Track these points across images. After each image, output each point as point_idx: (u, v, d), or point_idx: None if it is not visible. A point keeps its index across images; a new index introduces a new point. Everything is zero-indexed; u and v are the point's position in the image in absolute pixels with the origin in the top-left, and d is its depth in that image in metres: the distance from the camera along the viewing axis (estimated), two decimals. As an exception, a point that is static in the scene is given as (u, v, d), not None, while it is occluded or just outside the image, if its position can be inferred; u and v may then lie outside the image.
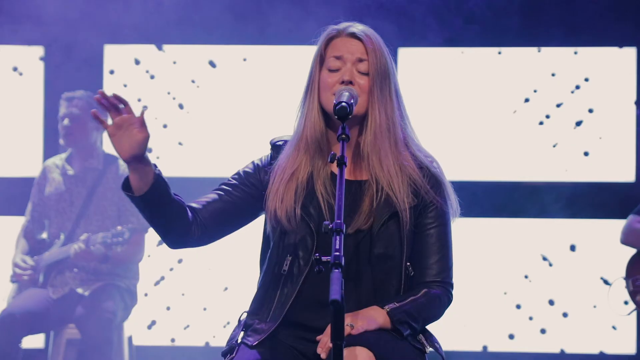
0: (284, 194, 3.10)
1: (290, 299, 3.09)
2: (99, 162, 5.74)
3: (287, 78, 6.70)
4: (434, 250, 3.13)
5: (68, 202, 5.68)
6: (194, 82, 6.78)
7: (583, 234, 6.70)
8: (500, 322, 6.67)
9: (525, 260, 6.68)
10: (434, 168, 3.17)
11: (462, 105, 6.70)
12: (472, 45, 6.69)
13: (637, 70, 6.66)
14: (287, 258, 3.12)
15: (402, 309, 3.02)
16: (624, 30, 6.65)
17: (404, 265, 3.10)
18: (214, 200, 3.16)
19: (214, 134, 6.77)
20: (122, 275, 5.64)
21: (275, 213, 3.11)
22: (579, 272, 6.70)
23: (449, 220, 3.17)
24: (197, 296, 6.74)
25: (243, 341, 3.13)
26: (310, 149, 3.12)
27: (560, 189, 6.69)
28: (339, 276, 2.54)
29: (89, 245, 5.39)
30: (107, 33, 6.74)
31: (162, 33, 6.73)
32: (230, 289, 6.73)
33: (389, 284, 3.10)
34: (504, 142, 6.70)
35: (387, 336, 2.98)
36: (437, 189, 3.14)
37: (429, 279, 3.12)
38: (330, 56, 3.12)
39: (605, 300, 6.61)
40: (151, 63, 6.79)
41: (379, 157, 3.08)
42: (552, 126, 6.71)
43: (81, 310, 5.44)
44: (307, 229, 3.09)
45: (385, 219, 3.07)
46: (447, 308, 3.17)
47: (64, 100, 5.74)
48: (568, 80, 6.71)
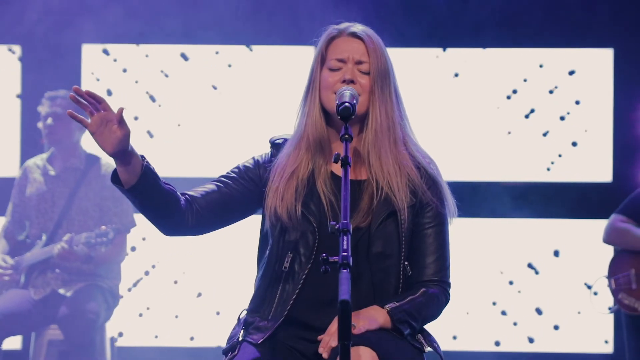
0: (285, 191, 3.12)
1: (292, 297, 3.10)
2: (81, 162, 5.70)
3: (265, 77, 6.72)
4: (432, 250, 3.16)
5: (50, 202, 5.65)
6: (167, 76, 6.76)
7: (560, 234, 6.74)
8: (476, 320, 6.71)
9: (502, 259, 6.71)
10: (431, 169, 3.20)
11: (439, 106, 6.72)
12: (455, 45, 6.72)
13: (614, 72, 6.72)
14: (287, 255, 3.12)
15: (402, 308, 3.04)
16: (601, 31, 6.70)
17: (402, 264, 3.12)
18: (212, 190, 3.17)
19: (192, 133, 6.76)
20: (104, 276, 5.61)
21: (275, 210, 3.12)
22: (555, 272, 6.74)
23: (446, 221, 3.20)
24: (172, 300, 6.73)
25: (245, 339, 3.14)
26: (311, 147, 3.14)
27: (538, 189, 6.73)
28: (347, 276, 2.55)
29: (72, 245, 5.36)
30: (85, 32, 6.70)
31: (141, 32, 6.71)
32: (204, 292, 6.72)
33: (388, 282, 3.12)
34: (481, 143, 6.73)
35: (388, 336, 3.00)
36: (434, 190, 3.17)
37: (427, 278, 3.15)
38: (332, 56, 3.14)
39: (582, 298, 6.68)
40: (129, 62, 6.76)
41: (379, 156, 3.11)
42: (529, 127, 6.75)
43: (64, 311, 5.40)
44: (308, 226, 3.10)
45: (384, 217, 3.09)
46: (445, 307, 3.20)
47: (47, 99, 5.70)
48: (546, 82, 6.75)
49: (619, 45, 6.70)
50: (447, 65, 6.76)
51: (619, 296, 5.38)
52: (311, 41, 3.22)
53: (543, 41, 6.73)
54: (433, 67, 6.75)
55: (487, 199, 6.66)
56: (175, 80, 6.76)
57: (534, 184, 6.74)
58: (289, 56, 6.75)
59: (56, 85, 5.97)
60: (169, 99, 6.76)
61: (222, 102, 6.76)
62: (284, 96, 6.69)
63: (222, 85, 6.76)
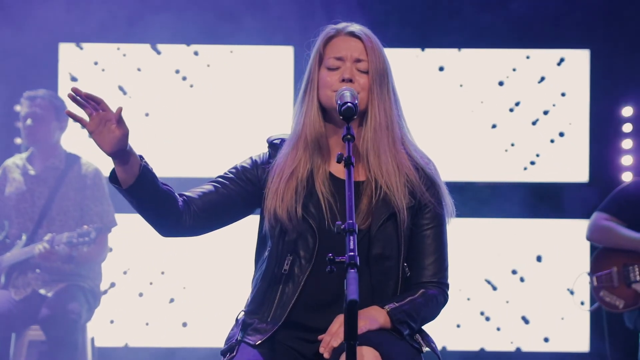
0: (285, 193, 3.11)
1: (291, 300, 3.10)
2: (61, 162, 5.66)
3: (242, 76, 6.72)
4: (430, 251, 3.17)
5: (29, 202, 5.60)
6: (139, 70, 6.74)
7: (537, 233, 6.78)
8: (453, 317, 6.74)
9: (481, 259, 6.74)
10: (429, 169, 3.20)
11: (416, 106, 6.74)
12: (432, 46, 6.74)
13: (590, 72, 6.76)
14: (287, 258, 3.12)
15: (402, 308, 3.05)
16: (577, 32, 6.74)
17: (401, 266, 3.13)
18: (209, 191, 3.16)
19: (165, 130, 6.75)
20: (85, 276, 5.57)
21: (275, 212, 3.11)
22: (532, 270, 6.78)
23: (444, 222, 3.21)
24: (154, 298, 6.71)
25: (244, 340, 3.13)
26: (309, 147, 3.14)
27: (514, 189, 6.76)
28: (355, 276, 2.55)
29: (53, 245, 5.32)
30: (61, 31, 6.67)
31: (118, 32, 6.68)
32: (182, 292, 6.71)
33: (386, 284, 3.12)
34: (459, 143, 6.75)
35: (390, 336, 3.00)
36: (432, 191, 3.18)
37: (426, 280, 3.16)
38: (330, 54, 3.14)
39: (558, 297, 6.72)
40: (107, 61, 6.74)
41: (378, 154, 3.11)
42: (506, 127, 6.78)
43: (45, 311, 5.35)
44: (308, 228, 3.10)
45: (384, 219, 3.09)
46: (443, 308, 3.21)
47: (26, 99, 5.65)
48: (522, 82, 6.79)
49: (595, 46, 6.75)
50: (425, 65, 6.77)
51: (601, 294, 5.42)
52: (309, 41, 3.22)
53: (519, 43, 6.76)
54: (411, 67, 6.76)
55: (464, 198, 6.69)
56: (147, 77, 6.74)
57: (511, 184, 6.77)
58: (265, 56, 6.75)
59: (32, 85, 5.94)
60: (141, 94, 6.74)
61: (201, 101, 6.74)
62: (259, 95, 6.70)
63: (200, 84, 6.75)
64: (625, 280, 5.39)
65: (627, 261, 5.40)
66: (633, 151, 6.74)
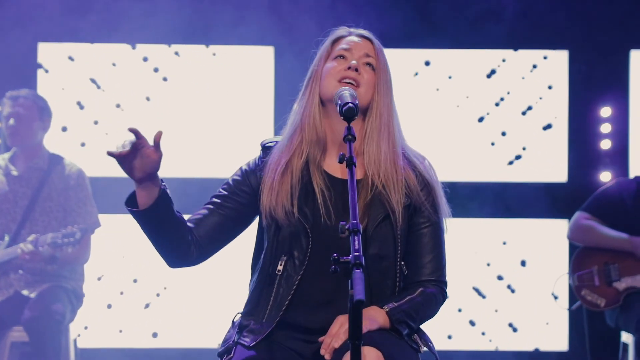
0: (279, 188, 3.11)
1: (286, 300, 3.10)
2: (44, 162, 5.63)
3: (220, 77, 6.71)
4: (428, 250, 3.18)
5: (12, 202, 5.57)
6: (114, 65, 6.73)
7: (516, 233, 6.82)
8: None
9: (458, 257, 6.77)
10: (424, 168, 3.22)
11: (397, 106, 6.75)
12: (413, 46, 6.77)
13: (569, 73, 6.81)
14: (281, 258, 3.12)
15: (401, 308, 3.06)
16: (556, 33, 6.79)
17: (398, 265, 3.14)
18: (206, 216, 3.16)
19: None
20: (68, 277, 5.55)
21: (270, 209, 3.11)
22: (511, 268, 6.82)
23: (441, 220, 3.23)
24: (136, 297, 6.70)
25: (239, 342, 3.13)
26: (306, 138, 3.14)
27: (494, 189, 6.80)
28: (361, 276, 2.54)
29: (37, 246, 5.29)
30: (41, 31, 6.64)
31: (97, 31, 6.66)
32: (163, 292, 6.70)
33: (384, 283, 3.13)
34: (439, 143, 6.78)
35: (390, 336, 3.02)
36: (427, 189, 3.19)
37: (424, 278, 3.17)
38: (339, 48, 3.17)
39: (538, 297, 6.77)
40: (85, 61, 6.71)
41: (377, 153, 3.12)
42: (485, 128, 6.82)
43: (29, 312, 5.32)
44: (302, 229, 3.10)
45: (380, 219, 3.10)
46: (442, 306, 3.23)
47: (8, 99, 5.62)
48: (502, 83, 6.82)
49: (574, 47, 6.80)
50: (405, 65, 6.80)
51: (582, 292, 5.46)
52: (314, 40, 3.24)
53: (498, 44, 6.80)
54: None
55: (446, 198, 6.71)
56: (126, 77, 6.73)
57: (490, 183, 6.80)
58: (245, 56, 6.76)
59: (12, 84, 5.91)
60: (119, 94, 6.73)
61: (180, 101, 6.74)
62: (240, 95, 6.70)
63: (180, 84, 6.74)
64: (606, 279, 5.43)
65: (608, 260, 5.45)
66: (611, 151, 6.79)
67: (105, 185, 6.26)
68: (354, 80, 3.11)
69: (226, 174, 6.44)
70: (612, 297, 5.42)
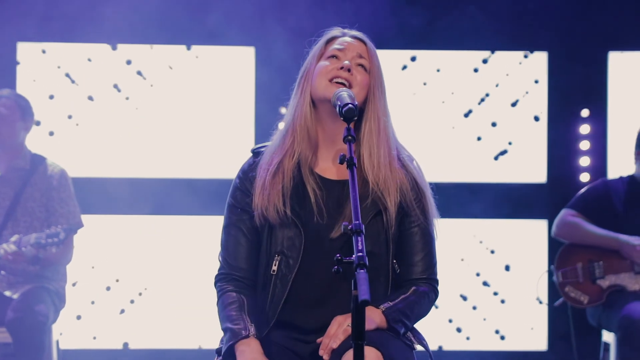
0: (271, 188, 3.12)
1: (281, 299, 3.11)
2: (26, 163, 5.59)
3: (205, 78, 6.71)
4: (419, 248, 3.20)
5: (-7, 203, 5.54)
6: (90, 60, 6.71)
7: (496, 233, 6.85)
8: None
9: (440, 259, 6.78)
10: (414, 168, 3.24)
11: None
12: (387, 47, 6.78)
13: (548, 74, 6.85)
14: (275, 258, 3.13)
15: (396, 307, 3.08)
16: (535, 34, 6.82)
17: (390, 263, 3.16)
18: (238, 251, 3.19)
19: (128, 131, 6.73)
20: (51, 278, 5.51)
21: (262, 209, 3.12)
22: (491, 269, 6.85)
23: (431, 219, 3.24)
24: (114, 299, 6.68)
25: (238, 342, 3.13)
26: (297, 138, 3.15)
27: (473, 190, 6.82)
28: (365, 276, 2.55)
29: (20, 246, 5.25)
30: (20, 30, 6.60)
31: (77, 29, 6.64)
32: (146, 291, 6.69)
33: (377, 281, 3.15)
34: (420, 145, 6.80)
35: (387, 335, 3.03)
36: (417, 190, 3.21)
37: (416, 277, 3.20)
38: (332, 48, 3.18)
39: (516, 296, 6.80)
40: (66, 60, 6.69)
41: (372, 154, 3.13)
42: (465, 129, 6.84)
43: (12, 314, 5.28)
44: (294, 228, 3.11)
45: (371, 217, 3.12)
46: (434, 304, 3.25)
47: (-10, 99, 5.58)
48: (481, 84, 6.85)
49: (553, 48, 6.83)
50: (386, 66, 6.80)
51: (566, 289, 5.49)
52: (309, 40, 3.24)
53: (479, 44, 6.83)
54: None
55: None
56: (107, 77, 6.72)
57: (470, 184, 6.83)
58: (226, 56, 6.75)
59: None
60: (101, 95, 6.71)
61: (161, 101, 6.72)
62: (220, 96, 6.70)
63: (160, 84, 6.73)
64: (590, 276, 5.46)
65: (592, 257, 5.48)
66: (590, 152, 6.84)
67: (82, 185, 6.26)
68: (345, 80, 3.12)
69: (207, 174, 6.51)
70: (595, 294, 5.46)
